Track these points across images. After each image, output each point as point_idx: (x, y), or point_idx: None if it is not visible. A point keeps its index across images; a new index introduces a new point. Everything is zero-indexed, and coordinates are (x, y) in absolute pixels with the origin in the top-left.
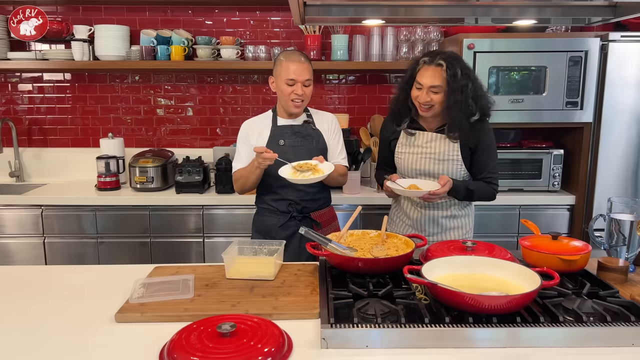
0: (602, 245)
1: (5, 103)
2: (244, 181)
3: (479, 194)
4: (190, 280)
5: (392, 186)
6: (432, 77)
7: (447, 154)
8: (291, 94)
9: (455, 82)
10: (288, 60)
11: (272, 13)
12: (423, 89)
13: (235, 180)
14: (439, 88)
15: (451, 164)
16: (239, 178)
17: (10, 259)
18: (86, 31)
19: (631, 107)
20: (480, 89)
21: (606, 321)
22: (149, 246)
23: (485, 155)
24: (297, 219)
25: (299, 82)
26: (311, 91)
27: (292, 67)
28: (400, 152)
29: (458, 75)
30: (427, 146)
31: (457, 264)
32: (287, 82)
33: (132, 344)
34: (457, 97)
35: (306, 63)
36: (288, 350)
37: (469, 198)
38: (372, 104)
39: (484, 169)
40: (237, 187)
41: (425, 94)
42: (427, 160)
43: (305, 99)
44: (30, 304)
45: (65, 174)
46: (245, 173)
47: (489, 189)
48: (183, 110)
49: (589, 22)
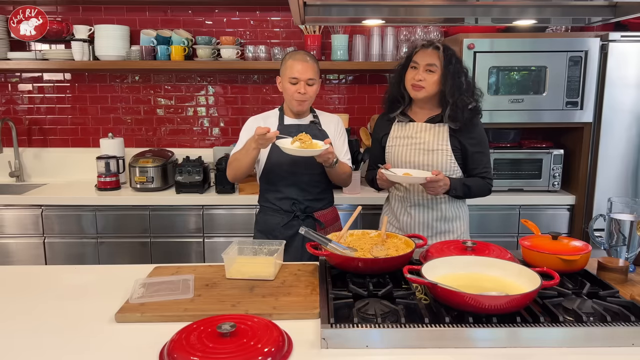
0: (602, 245)
1: (5, 103)
2: (237, 164)
3: (475, 190)
4: (190, 280)
5: (387, 173)
6: (430, 56)
7: (436, 143)
8: (294, 93)
9: (451, 65)
10: (293, 59)
11: (272, 13)
12: (419, 67)
13: (230, 164)
14: (434, 67)
15: (440, 154)
16: (234, 161)
17: (10, 259)
18: (86, 31)
19: (631, 107)
20: (474, 84)
21: (606, 321)
22: (149, 246)
23: (480, 149)
24: (300, 218)
25: (302, 80)
26: (315, 91)
27: (296, 66)
28: (390, 146)
29: (453, 60)
30: (416, 136)
31: (457, 264)
32: (290, 80)
33: (132, 344)
34: (455, 80)
35: (311, 62)
36: (288, 350)
37: (467, 195)
38: (372, 104)
39: (479, 164)
40: (230, 171)
41: (420, 73)
42: (416, 151)
43: (308, 98)
44: (30, 304)
45: (65, 174)
46: (240, 155)
47: (485, 184)
48: (183, 110)
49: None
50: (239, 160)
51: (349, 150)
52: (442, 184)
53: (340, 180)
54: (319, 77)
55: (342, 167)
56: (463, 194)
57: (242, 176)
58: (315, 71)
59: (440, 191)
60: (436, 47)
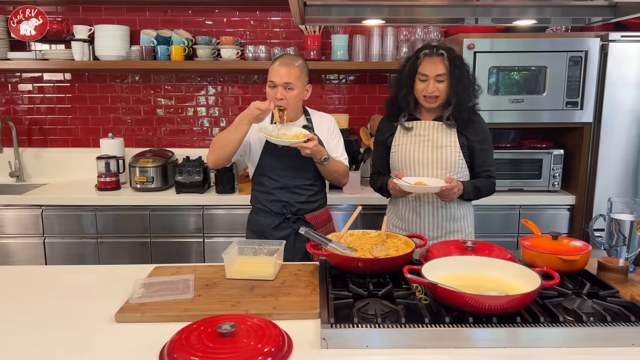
0: (602, 245)
1: (5, 103)
2: (222, 143)
3: (484, 191)
4: (190, 280)
5: (400, 183)
6: (436, 65)
7: (445, 140)
8: (271, 98)
9: (457, 68)
10: (278, 62)
11: (272, 13)
12: (429, 79)
13: (213, 144)
14: (443, 76)
15: (449, 150)
16: (218, 140)
17: (10, 259)
18: (86, 31)
19: (631, 107)
20: (475, 81)
21: (606, 321)
22: (149, 246)
23: (486, 147)
24: (291, 220)
25: (279, 85)
26: (295, 96)
27: (277, 69)
28: (396, 145)
29: (457, 62)
30: (424, 134)
31: (457, 264)
32: (269, 83)
33: (132, 344)
34: (464, 82)
35: (294, 66)
36: (288, 350)
37: (477, 196)
38: (372, 104)
39: (485, 162)
40: (213, 152)
41: (432, 85)
42: (424, 147)
43: (285, 104)
44: (30, 304)
45: (65, 174)
46: (227, 134)
47: (490, 183)
48: (183, 110)
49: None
50: (224, 138)
51: (344, 150)
52: (456, 190)
53: (334, 178)
54: (303, 82)
55: (335, 165)
56: (474, 196)
57: (225, 158)
58: (297, 76)
59: (454, 197)
60: (440, 54)
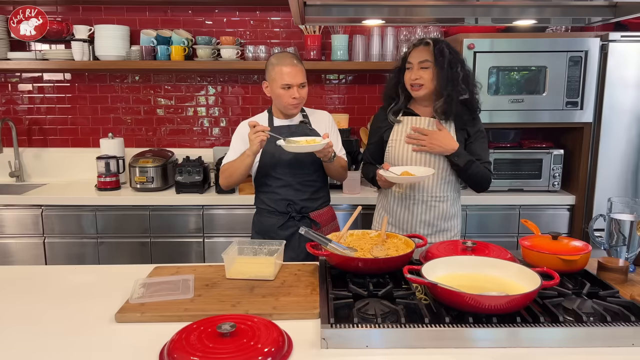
0: (602, 245)
1: (5, 103)
2: (231, 171)
3: (478, 169)
4: (190, 280)
5: (386, 174)
6: (421, 53)
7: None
8: (289, 98)
9: (442, 56)
10: (281, 64)
11: (272, 13)
12: (413, 67)
13: (223, 172)
14: (427, 63)
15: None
16: (227, 169)
17: (10, 259)
18: (86, 31)
19: (631, 107)
20: (472, 76)
21: (606, 321)
22: (149, 246)
23: (479, 142)
24: (296, 219)
25: (295, 85)
26: (307, 92)
27: (285, 71)
28: (393, 140)
29: (445, 51)
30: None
31: (457, 264)
32: (282, 87)
33: (132, 344)
34: (449, 71)
35: (299, 65)
36: (288, 350)
37: (467, 168)
38: (372, 104)
39: (481, 157)
40: (223, 178)
41: (415, 72)
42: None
43: (301, 101)
44: (30, 304)
45: (65, 174)
46: (235, 163)
47: (486, 171)
48: (183, 110)
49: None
50: (233, 167)
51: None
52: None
53: (338, 174)
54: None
55: (339, 160)
56: (464, 164)
57: (235, 183)
58: (304, 73)
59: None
60: (426, 43)
